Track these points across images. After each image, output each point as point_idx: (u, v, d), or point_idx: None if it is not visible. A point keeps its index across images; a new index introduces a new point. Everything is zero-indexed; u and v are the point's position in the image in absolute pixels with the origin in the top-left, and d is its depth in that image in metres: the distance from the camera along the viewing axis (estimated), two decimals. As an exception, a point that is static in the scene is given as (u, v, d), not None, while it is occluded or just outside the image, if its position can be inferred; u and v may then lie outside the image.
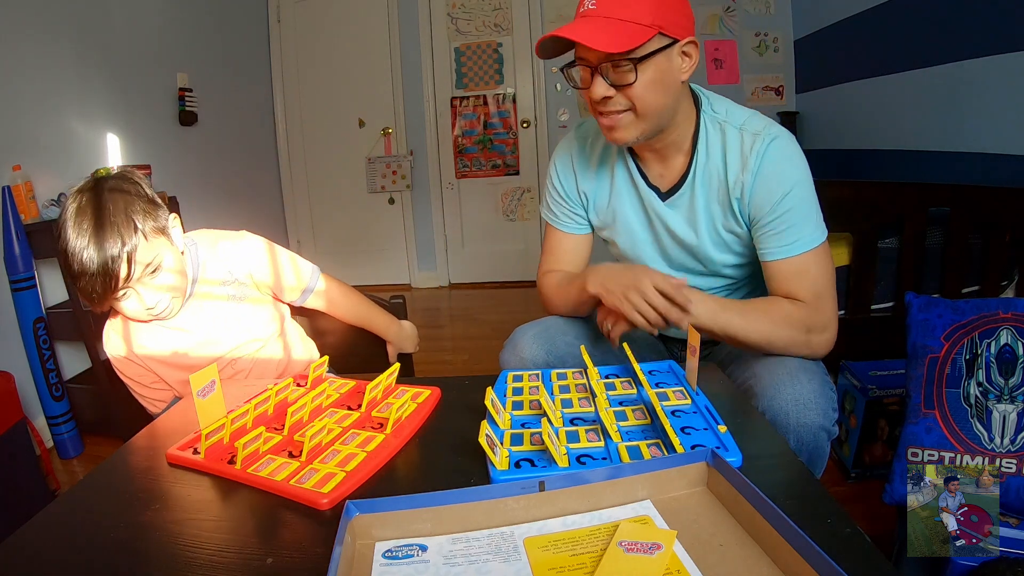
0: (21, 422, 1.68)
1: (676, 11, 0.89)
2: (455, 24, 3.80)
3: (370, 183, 3.96)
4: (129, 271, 0.91)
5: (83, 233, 0.89)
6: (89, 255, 0.88)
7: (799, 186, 0.93)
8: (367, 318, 1.24)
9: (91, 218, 0.90)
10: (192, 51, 3.04)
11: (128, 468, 0.72)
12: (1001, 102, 1.93)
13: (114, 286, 0.91)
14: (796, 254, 0.93)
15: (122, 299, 0.95)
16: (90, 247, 0.88)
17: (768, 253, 0.95)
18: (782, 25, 3.55)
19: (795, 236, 0.93)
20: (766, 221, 0.94)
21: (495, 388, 0.79)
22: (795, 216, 0.93)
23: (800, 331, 0.92)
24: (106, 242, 0.89)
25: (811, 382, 0.86)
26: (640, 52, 0.87)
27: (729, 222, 0.99)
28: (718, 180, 0.98)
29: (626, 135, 0.94)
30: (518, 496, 0.54)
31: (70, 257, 0.89)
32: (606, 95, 0.91)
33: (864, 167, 2.79)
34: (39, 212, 2.04)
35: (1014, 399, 1.05)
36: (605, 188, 1.09)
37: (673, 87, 0.93)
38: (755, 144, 0.93)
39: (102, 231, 0.89)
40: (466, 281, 4.08)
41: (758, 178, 0.93)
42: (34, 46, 2.13)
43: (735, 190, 0.95)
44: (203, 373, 0.74)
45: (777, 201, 0.92)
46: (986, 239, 1.71)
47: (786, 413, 0.84)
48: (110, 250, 0.89)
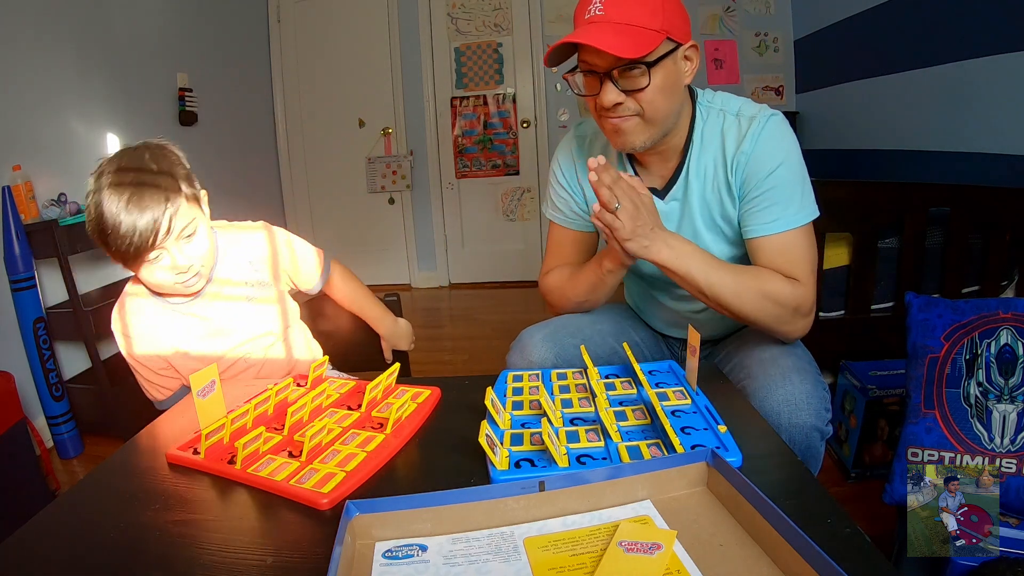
0: (21, 422, 1.68)
1: (679, 15, 0.90)
2: (455, 24, 3.80)
3: (370, 183, 3.96)
4: (168, 229, 0.91)
5: (125, 189, 0.89)
6: (130, 210, 0.88)
7: (785, 165, 0.93)
8: (361, 305, 1.26)
9: (134, 175, 0.91)
10: (192, 51, 3.04)
11: (128, 468, 0.72)
12: (1001, 102, 1.93)
13: (152, 243, 0.90)
14: (777, 231, 0.93)
15: (154, 260, 0.94)
16: (131, 204, 0.89)
17: (750, 230, 0.96)
18: (782, 25, 3.55)
19: (777, 214, 0.93)
20: (751, 197, 0.95)
21: (495, 388, 0.79)
22: (779, 194, 0.93)
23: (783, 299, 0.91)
24: (149, 199, 0.90)
25: (803, 383, 0.87)
26: (652, 56, 0.87)
27: (725, 207, 0.99)
28: (715, 164, 0.98)
29: (634, 140, 0.94)
30: (518, 496, 0.54)
31: (108, 213, 0.89)
32: (617, 101, 0.91)
33: (864, 167, 2.79)
34: (39, 212, 2.04)
35: (1014, 399, 1.05)
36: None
37: (679, 91, 0.94)
38: (751, 126, 0.94)
39: (144, 188, 0.90)
40: (466, 281, 4.08)
41: (752, 157, 0.94)
42: (34, 46, 2.13)
43: (731, 167, 0.96)
44: (203, 373, 0.74)
45: (763, 177, 0.93)
46: (986, 239, 1.71)
47: (778, 414, 0.84)
48: (153, 207, 0.90)
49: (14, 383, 1.68)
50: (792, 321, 0.93)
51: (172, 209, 0.92)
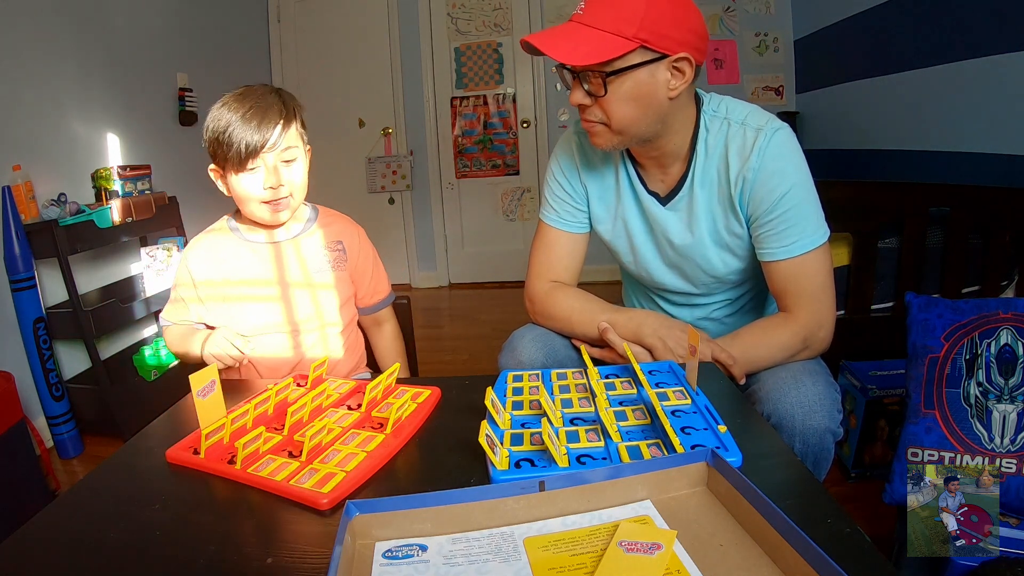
0: (21, 422, 1.68)
1: (669, 25, 0.85)
2: (455, 24, 3.80)
3: (370, 183, 3.96)
4: (275, 144, 1.00)
5: (248, 98, 1.00)
6: (247, 119, 0.98)
7: (798, 186, 0.92)
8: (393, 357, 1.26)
9: (255, 99, 1.00)
10: (192, 51, 3.04)
11: (128, 468, 0.72)
12: (1001, 102, 1.93)
13: (259, 148, 0.99)
14: (796, 255, 0.93)
15: (253, 170, 1.01)
16: (249, 114, 0.98)
17: (768, 253, 0.95)
18: (782, 25, 3.55)
19: (795, 236, 0.92)
20: (765, 220, 0.93)
21: (495, 388, 0.79)
22: (795, 216, 0.92)
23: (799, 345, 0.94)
24: (269, 109, 1.00)
25: (816, 385, 0.86)
26: (613, 66, 0.85)
27: (730, 222, 0.98)
28: (718, 177, 0.96)
29: (601, 142, 0.94)
30: (518, 496, 0.54)
31: (225, 117, 0.98)
32: (582, 103, 0.91)
33: (864, 167, 2.79)
34: (39, 212, 2.03)
35: (1014, 399, 1.05)
36: (610, 188, 1.07)
37: (654, 103, 0.89)
38: (757, 139, 0.91)
39: (266, 100, 1.01)
40: (466, 281, 4.08)
41: (759, 174, 0.92)
42: (34, 46, 2.13)
43: (736, 184, 0.94)
44: (203, 373, 0.74)
45: (776, 200, 0.91)
46: (986, 239, 1.71)
47: (791, 416, 0.84)
48: (267, 121, 0.99)
49: (14, 383, 1.68)
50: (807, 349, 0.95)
51: (283, 127, 1.01)
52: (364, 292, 1.20)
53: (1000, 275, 1.72)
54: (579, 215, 1.10)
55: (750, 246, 0.99)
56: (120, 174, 2.40)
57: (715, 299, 1.09)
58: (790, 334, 0.93)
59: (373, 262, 1.20)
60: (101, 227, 2.13)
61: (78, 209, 2.11)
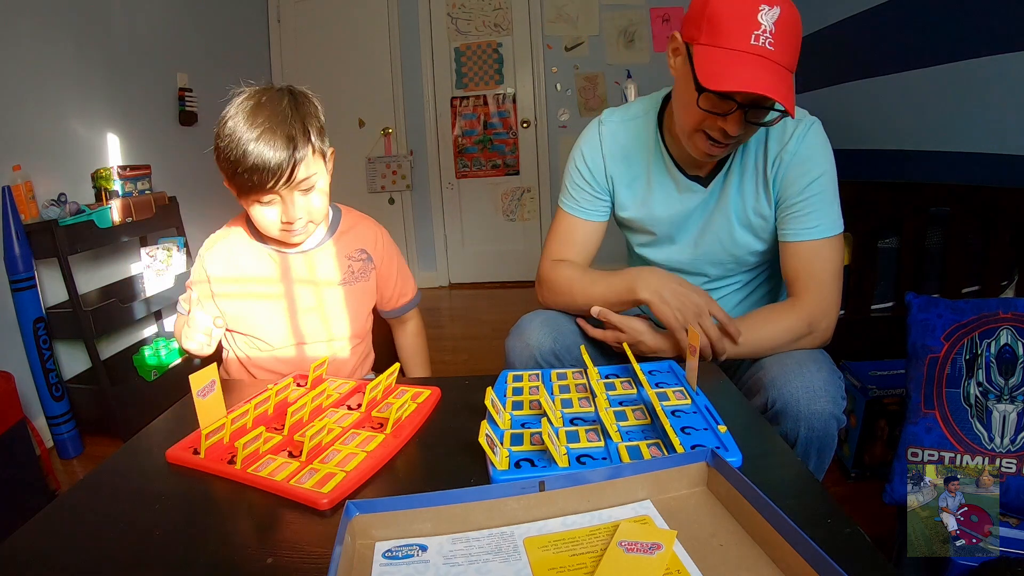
0: (21, 422, 1.68)
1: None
2: (455, 24, 3.80)
3: (370, 183, 3.96)
4: (290, 176, 0.91)
5: (257, 126, 0.89)
6: (257, 148, 0.88)
7: (827, 174, 0.97)
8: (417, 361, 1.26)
9: (268, 114, 0.90)
10: (192, 51, 3.04)
11: (128, 468, 0.72)
12: (1001, 102, 1.93)
13: (271, 186, 0.91)
14: (815, 238, 0.97)
15: (266, 203, 0.94)
16: (261, 142, 0.88)
17: (791, 234, 0.98)
18: (782, 25, 3.54)
19: (817, 221, 0.96)
20: (792, 202, 0.97)
21: (495, 388, 0.79)
22: (820, 201, 0.96)
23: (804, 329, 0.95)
24: (279, 140, 0.89)
25: (820, 371, 0.87)
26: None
27: (760, 203, 1.02)
28: (755, 159, 1.01)
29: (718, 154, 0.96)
30: (518, 496, 0.54)
31: (235, 145, 0.89)
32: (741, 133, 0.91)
33: (864, 167, 2.79)
34: (39, 212, 2.03)
35: (1014, 399, 1.05)
36: (639, 177, 1.09)
37: None
38: (797, 127, 0.97)
39: (277, 129, 0.90)
40: (466, 281, 4.08)
41: (795, 158, 0.97)
42: (34, 46, 2.13)
43: (773, 166, 0.99)
44: (203, 373, 0.74)
45: (807, 184, 0.96)
46: (986, 239, 1.71)
47: (796, 400, 0.85)
48: (280, 149, 0.89)
49: (14, 383, 1.68)
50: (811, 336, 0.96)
51: (297, 157, 0.90)
52: (389, 296, 1.17)
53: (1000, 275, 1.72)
54: (598, 204, 1.13)
55: (772, 229, 1.03)
56: (120, 174, 2.40)
57: (728, 282, 1.13)
58: (795, 318, 0.95)
59: (398, 265, 1.17)
60: (101, 227, 2.13)
61: (78, 209, 2.11)
